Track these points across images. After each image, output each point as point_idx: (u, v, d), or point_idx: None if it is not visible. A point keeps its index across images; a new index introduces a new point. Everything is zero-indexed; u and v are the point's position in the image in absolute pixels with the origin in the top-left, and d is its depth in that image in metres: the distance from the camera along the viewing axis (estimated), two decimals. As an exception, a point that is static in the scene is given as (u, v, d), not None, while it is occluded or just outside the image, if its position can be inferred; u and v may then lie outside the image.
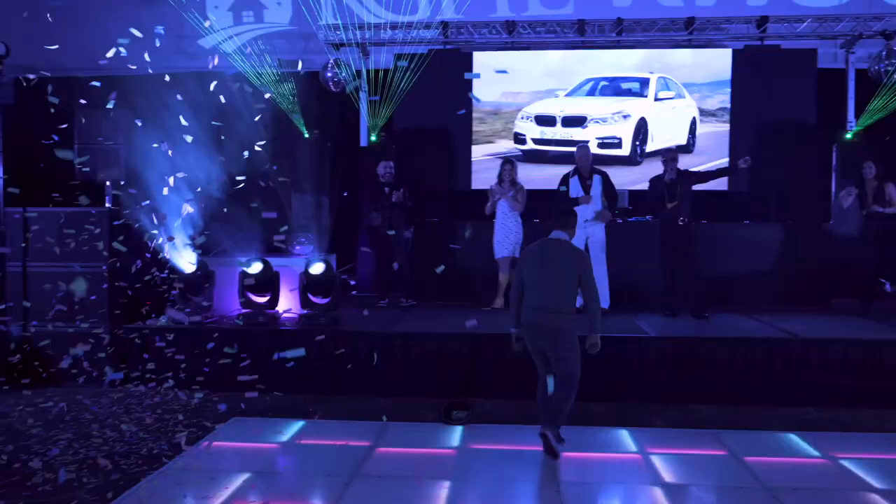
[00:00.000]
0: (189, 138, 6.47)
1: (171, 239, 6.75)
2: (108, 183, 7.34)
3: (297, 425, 5.57)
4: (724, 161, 9.47)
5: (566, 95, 9.82)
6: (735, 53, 9.60)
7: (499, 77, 9.71)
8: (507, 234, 7.80)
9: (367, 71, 9.92)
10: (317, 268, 6.78)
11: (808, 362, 6.17)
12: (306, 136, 9.38)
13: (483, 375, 6.35)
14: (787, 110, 9.42)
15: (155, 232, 6.69)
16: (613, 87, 9.80)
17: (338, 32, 9.85)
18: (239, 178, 7.01)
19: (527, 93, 9.89)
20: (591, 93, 9.80)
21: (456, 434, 5.36)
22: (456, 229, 8.79)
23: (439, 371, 6.36)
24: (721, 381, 6.19)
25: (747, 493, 4.29)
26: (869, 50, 9.32)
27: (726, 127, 9.62)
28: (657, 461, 4.78)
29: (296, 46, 10.67)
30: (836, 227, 8.60)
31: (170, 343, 6.51)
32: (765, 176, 9.43)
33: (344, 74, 9.72)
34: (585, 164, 7.66)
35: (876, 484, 4.42)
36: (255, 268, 6.79)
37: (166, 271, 6.86)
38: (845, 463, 4.78)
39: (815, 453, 4.98)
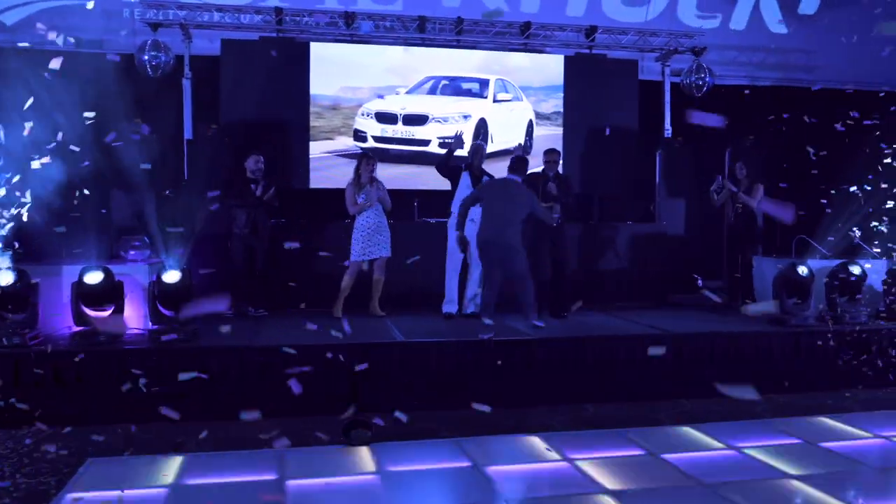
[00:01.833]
0: None
1: None
2: None
3: (175, 462, 4.71)
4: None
5: (407, 93, 9.52)
6: (567, 60, 9.91)
7: (337, 69, 9.21)
8: (370, 235, 7.32)
9: (191, 56, 8.91)
10: (171, 276, 5.85)
11: (681, 356, 6.45)
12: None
13: (371, 388, 5.87)
14: (613, 116, 9.86)
15: None
16: (454, 86, 9.68)
17: (154, 11, 8.74)
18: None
19: (367, 88, 9.43)
20: (432, 91, 9.60)
21: (365, 456, 4.86)
22: (302, 230, 8.16)
23: (324, 387, 5.76)
24: (605, 378, 6.27)
25: (694, 493, 4.29)
26: (682, 65, 10.07)
27: (559, 130, 9.89)
28: (587, 467, 4.64)
29: (96, 24, 9.31)
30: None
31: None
32: (594, 179, 9.84)
33: (163, 58, 8.64)
34: (480, 163, 7.52)
35: (789, 471, 4.63)
36: (94, 277, 5.70)
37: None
38: (750, 452, 4.98)
39: (720, 445, 5.15)
